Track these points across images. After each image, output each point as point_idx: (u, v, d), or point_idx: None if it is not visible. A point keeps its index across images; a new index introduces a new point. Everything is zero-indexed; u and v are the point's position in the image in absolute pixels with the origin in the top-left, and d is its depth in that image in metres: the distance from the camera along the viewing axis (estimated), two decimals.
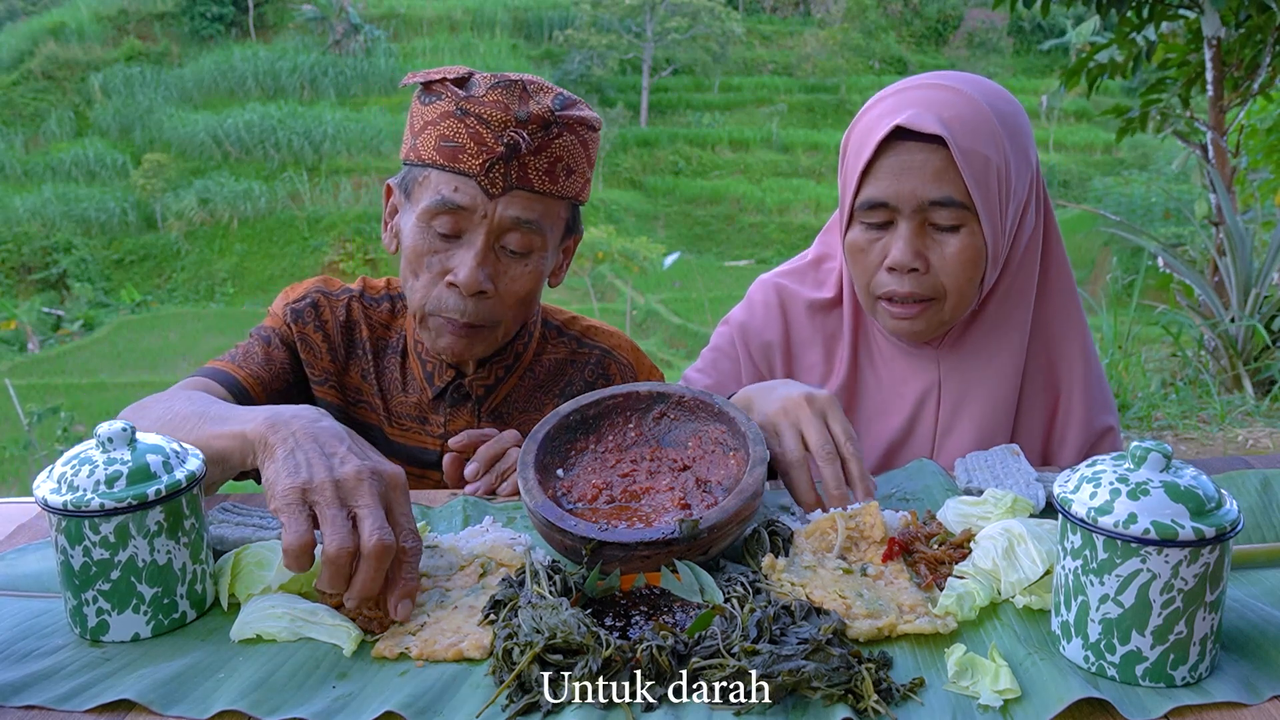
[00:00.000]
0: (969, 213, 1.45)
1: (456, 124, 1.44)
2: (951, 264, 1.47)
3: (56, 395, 14.83)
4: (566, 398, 1.67)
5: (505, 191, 1.45)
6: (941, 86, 1.49)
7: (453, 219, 1.46)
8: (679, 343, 17.82)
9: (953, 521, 1.22)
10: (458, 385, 1.63)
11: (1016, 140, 1.49)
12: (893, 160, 1.46)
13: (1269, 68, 5.78)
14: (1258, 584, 1.12)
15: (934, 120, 1.43)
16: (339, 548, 1.01)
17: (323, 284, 1.68)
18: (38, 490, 1.05)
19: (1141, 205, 20.31)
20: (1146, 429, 5.01)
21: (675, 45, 32.08)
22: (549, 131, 1.46)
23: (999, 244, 1.49)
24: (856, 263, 1.54)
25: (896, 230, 1.48)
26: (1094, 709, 0.91)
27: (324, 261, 24.13)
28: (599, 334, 1.75)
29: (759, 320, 1.72)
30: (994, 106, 1.48)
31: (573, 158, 1.50)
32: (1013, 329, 1.59)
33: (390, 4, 33.41)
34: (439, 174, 1.46)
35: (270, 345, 1.61)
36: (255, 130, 27.86)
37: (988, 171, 1.45)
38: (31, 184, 26.12)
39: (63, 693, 0.97)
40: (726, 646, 0.95)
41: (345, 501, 1.05)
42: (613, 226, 22.97)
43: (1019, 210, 1.52)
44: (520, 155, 1.44)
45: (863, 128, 1.52)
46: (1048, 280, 1.61)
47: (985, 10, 31.20)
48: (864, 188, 1.49)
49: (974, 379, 1.59)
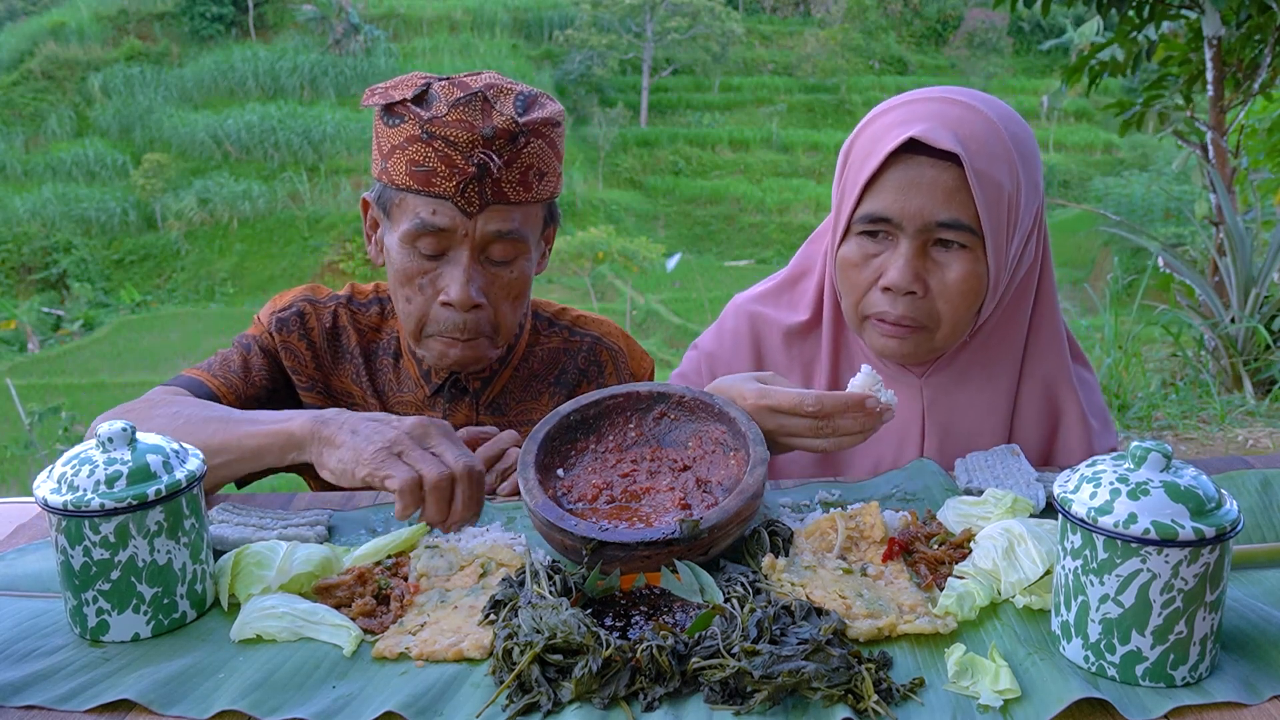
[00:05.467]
0: (975, 238, 1.36)
1: (424, 148, 1.45)
2: (951, 290, 1.38)
3: (56, 395, 14.83)
4: (561, 385, 1.70)
5: (482, 209, 1.47)
6: (955, 101, 1.39)
7: (435, 240, 1.49)
8: (679, 343, 17.83)
9: (953, 521, 1.22)
10: (454, 381, 1.66)
11: (1029, 167, 1.40)
12: (900, 174, 1.36)
13: (1269, 67, 5.78)
14: (1258, 584, 1.12)
15: (950, 136, 1.33)
16: (439, 475, 1.19)
17: (310, 292, 1.71)
18: (38, 490, 1.05)
19: (1141, 205, 20.33)
20: (1146, 429, 5.01)
21: (675, 45, 32.09)
22: (516, 143, 1.47)
23: (1001, 275, 1.40)
24: (847, 278, 1.44)
25: (896, 249, 1.38)
26: (1094, 709, 0.91)
27: (324, 261, 24.13)
28: (588, 323, 1.77)
29: (727, 351, 1.64)
30: (1009, 129, 1.38)
31: (543, 161, 1.51)
32: (1003, 361, 1.51)
33: (390, 4, 33.41)
34: (415, 197, 1.48)
35: (250, 353, 1.64)
36: (255, 130, 27.88)
37: (1000, 197, 1.35)
38: (31, 184, 26.13)
39: (63, 693, 0.97)
40: (726, 646, 0.95)
41: (423, 444, 1.23)
42: (613, 226, 22.99)
43: (1023, 241, 1.43)
44: (491, 173, 1.45)
45: (869, 136, 1.41)
46: (1040, 311, 1.52)
47: (985, 10, 31.20)
48: (866, 200, 1.39)
49: (960, 410, 1.51)
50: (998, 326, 1.50)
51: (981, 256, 1.38)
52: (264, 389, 1.63)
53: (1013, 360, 1.52)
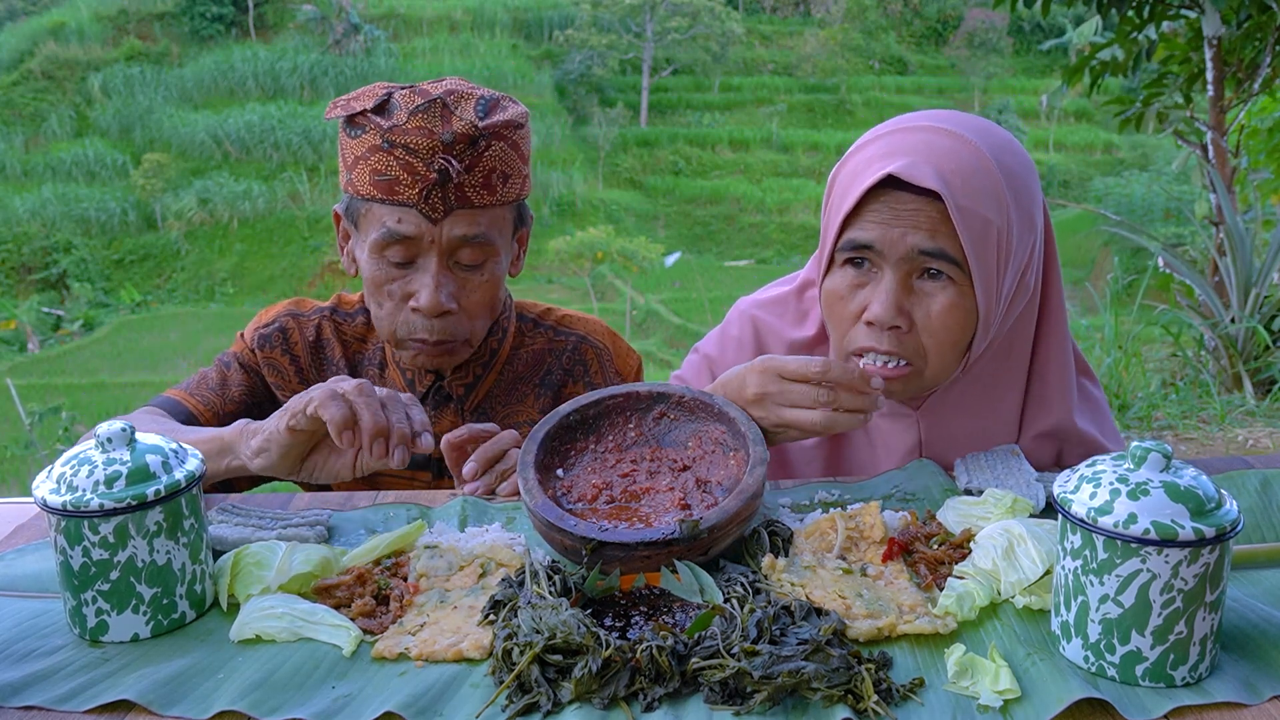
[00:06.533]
0: (961, 270, 1.31)
1: (385, 156, 1.46)
2: (936, 323, 1.33)
3: (56, 395, 14.84)
4: (546, 386, 1.70)
5: (446, 214, 1.48)
6: (943, 131, 1.33)
7: (402, 248, 1.50)
8: (679, 343, 17.83)
9: (953, 521, 1.22)
10: (438, 388, 1.66)
11: (1022, 201, 1.34)
12: (882, 206, 1.31)
13: (1269, 67, 5.78)
14: (1258, 584, 1.12)
15: (931, 172, 1.28)
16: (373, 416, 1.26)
17: (295, 306, 1.73)
18: (37, 490, 1.05)
19: (1141, 205, 20.34)
20: (1146, 429, 5.01)
21: (675, 45, 32.10)
22: (477, 146, 1.47)
23: (991, 310, 1.34)
24: (833, 313, 1.40)
25: (880, 281, 1.34)
26: (1094, 709, 0.91)
27: (323, 261, 24.15)
28: (574, 321, 1.78)
29: (730, 357, 1.60)
30: (1000, 160, 1.32)
31: (506, 164, 1.51)
32: (1001, 395, 1.46)
33: (390, 4, 33.42)
34: (380, 207, 1.49)
35: (229, 370, 1.67)
36: (255, 130, 27.89)
37: (987, 233, 1.30)
38: (31, 184, 26.13)
39: (62, 693, 0.97)
40: (726, 647, 0.95)
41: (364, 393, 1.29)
42: (612, 226, 23.00)
43: (1018, 274, 1.38)
44: (452, 178, 1.46)
45: (850, 170, 1.37)
46: (1046, 345, 1.47)
47: (985, 10, 31.19)
48: (848, 230, 1.35)
49: (958, 442, 1.46)
50: (996, 359, 1.45)
51: (968, 290, 1.32)
52: (242, 404, 1.65)
53: (1015, 394, 1.48)
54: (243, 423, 1.39)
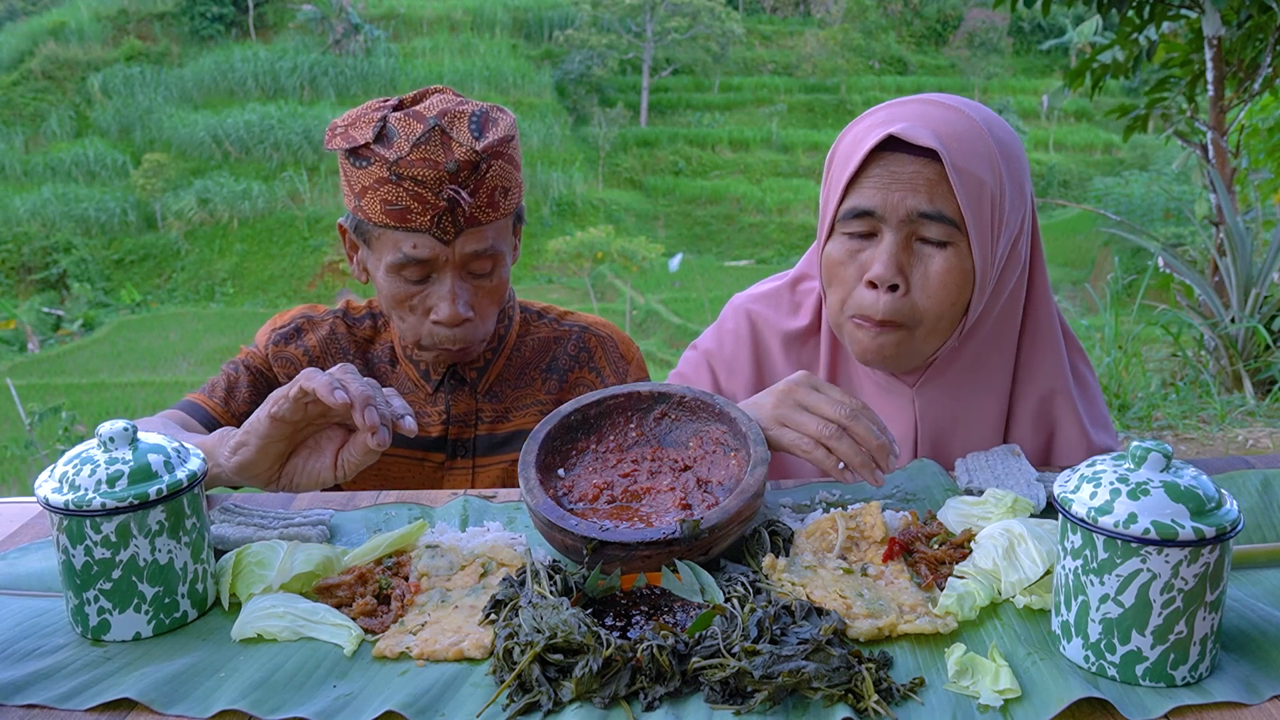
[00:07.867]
0: (959, 231, 1.36)
1: (395, 188, 1.53)
2: (934, 284, 1.37)
3: (56, 395, 14.82)
4: (553, 371, 1.78)
5: (457, 235, 1.56)
6: (938, 104, 1.41)
7: (419, 268, 1.59)
8: (679, 343, 17.82)
9: (953, 521, 1.22)
10: (453, 371, 1.75)
11: (1013, 169, 1.40)
12: (882, 169, 1.37)
13: (1270, 67, 5.78)
14: (1258, 584, 1.12)
15: (928, 133, 1.34)
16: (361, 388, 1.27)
17: (308, 310, 1.83)
18: (39, 489, 1.05)
19: (1141, 205, 20.34)
20: (1146, 429, 5.01)
21: (675, 45, 32.10)
22: (479, 170, 1.55)
23: (987, 271, 1.39)
24: (833, 277, 1.43)
25: (880, 244, 1.38)
26: (1094, 709, 0.92)
27: (324, 261, 24.13)
28: (575, 315, 1.88)
29: (728, 350, 1.65)
30: (993, 132, 1.39)
31: (505, 178, 1.59)
32: (993, 371, 1.50)
33: (390, 4, 33.42)
34: (393, 232, 1.56)
35: (237, 374, 1.73)
36: (255, 130, 27.88)
37: (981, 193, 1.36)
38: (31, 184, 26.13)
39: (64, 692, 0.97)
40: (727, 646, 0.95)
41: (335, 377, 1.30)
42: (612, 226, 22.99)
43: (1010, 242, 1.42)
44: (462, 208, 1.54)
45: (852, 138, 1.43)
46: (1034, 318, 1.51)
47: (985, 10, 31.22)
48: (849, 197, 1.39)
49: (951, 420, 1.50)
50: (989, 334, 1.48)
51: (966, 251, 1.37)
52: (252, 407, 1.69)
53: (1005, 370, 1.51)
54: (225, 429, 1.41)
